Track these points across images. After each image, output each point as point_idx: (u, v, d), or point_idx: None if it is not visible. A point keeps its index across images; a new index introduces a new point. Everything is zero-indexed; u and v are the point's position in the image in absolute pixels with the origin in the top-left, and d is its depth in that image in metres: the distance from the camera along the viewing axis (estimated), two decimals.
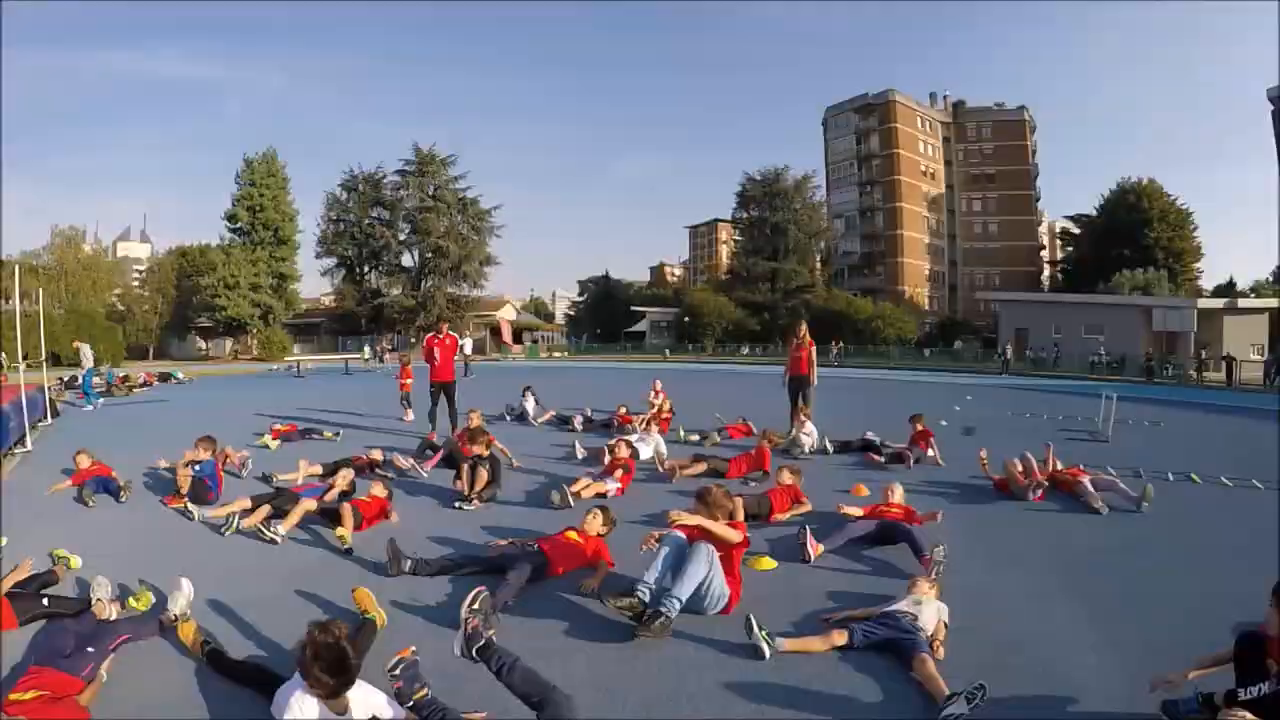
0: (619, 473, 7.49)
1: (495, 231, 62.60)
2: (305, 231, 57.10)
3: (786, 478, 6.68)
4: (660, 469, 8.18)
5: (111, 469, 7.28)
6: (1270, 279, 52.79)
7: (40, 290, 13.98)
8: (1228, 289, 55.20)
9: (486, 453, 7.34)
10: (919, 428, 9.53)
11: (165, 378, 24.50)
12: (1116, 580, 4.91)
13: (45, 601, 4.09)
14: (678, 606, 3.85)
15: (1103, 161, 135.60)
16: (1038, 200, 75.68)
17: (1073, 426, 13.33)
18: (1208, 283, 59.14)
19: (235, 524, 5.74)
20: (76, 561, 4.91)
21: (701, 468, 8.05)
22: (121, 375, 22.96)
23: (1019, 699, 3.27)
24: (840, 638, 3.69)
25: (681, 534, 4.16)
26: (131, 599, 4.30)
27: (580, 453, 9.20)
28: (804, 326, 10.75)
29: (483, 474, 6.89)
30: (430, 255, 59.56)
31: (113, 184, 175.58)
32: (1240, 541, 5.91)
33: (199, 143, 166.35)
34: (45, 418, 13.39)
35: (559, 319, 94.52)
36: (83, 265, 49.53)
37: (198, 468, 6.86)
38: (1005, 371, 34.84)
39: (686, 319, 64.53)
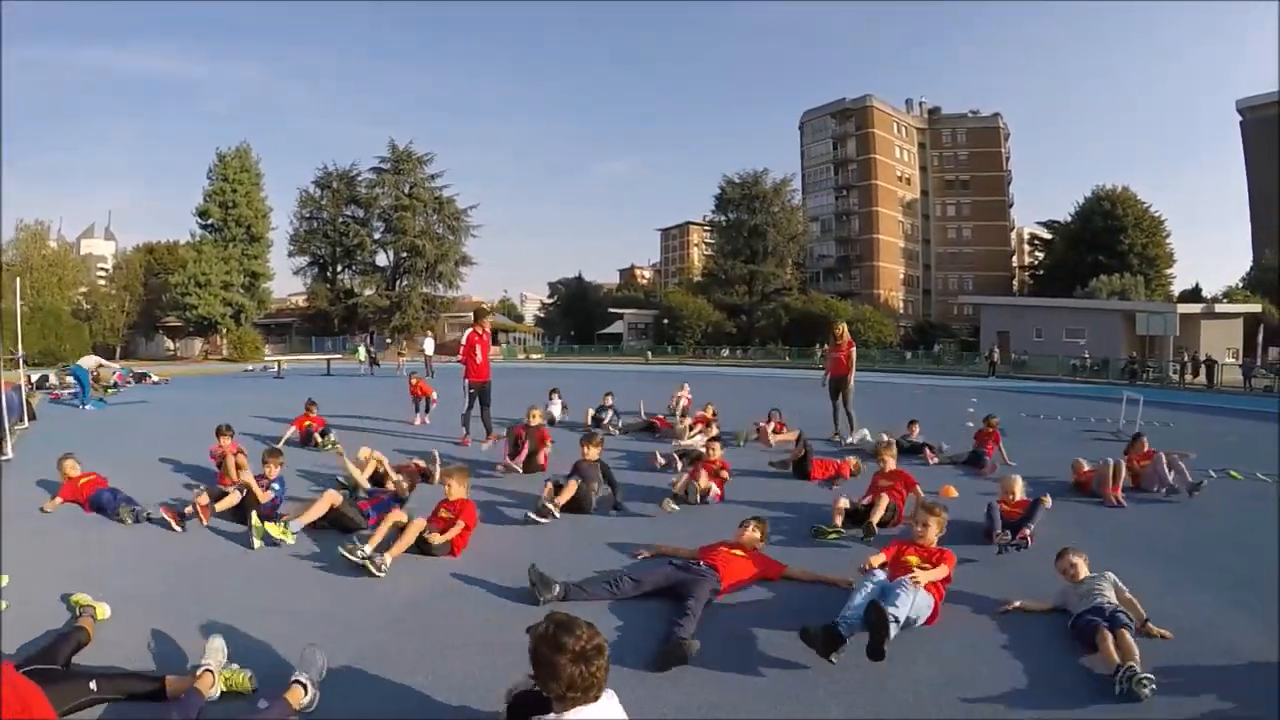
0: (719, 472, 6.98)
1: (471, 231, 61.95)
2: (278, 229, 55.60)
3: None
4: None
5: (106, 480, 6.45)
6: (1241, 284, 54.06)
7: (18, 283, 13.12)
8: (1194, 294, 56.45)
9: (597, 457, 6.59)
10: (989, 428, 9.26)
11: (140, 377, 23.45)
12: (1232, 570, 4.84)
13: (93, 684, 2.86)
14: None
15: (1066, 168, 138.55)
16: (1010, 206, 77.10)
17: (1089, 427, 13.30)
18: (1174, 288, 60.46)
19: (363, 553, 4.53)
20: (104, 610, 3.74)
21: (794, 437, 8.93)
22: (94, 375, 21.92)
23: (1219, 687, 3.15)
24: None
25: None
26: (225, 675, 3.00)
27: (660, 460, 8.44)
28: (843, 326, 10.51)
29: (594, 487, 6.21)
30: (405, 254, 58.55)
31: (77, 180, 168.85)
32: None
33: (167, 138, 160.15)
34: (23, 420, 12.54)
35: (528, 321, 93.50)
36: (48, 262, 47.63)
37: (276, 486, 5.95)
38: (992, 374, 35.16)
39: (665, 321, 64.25)
